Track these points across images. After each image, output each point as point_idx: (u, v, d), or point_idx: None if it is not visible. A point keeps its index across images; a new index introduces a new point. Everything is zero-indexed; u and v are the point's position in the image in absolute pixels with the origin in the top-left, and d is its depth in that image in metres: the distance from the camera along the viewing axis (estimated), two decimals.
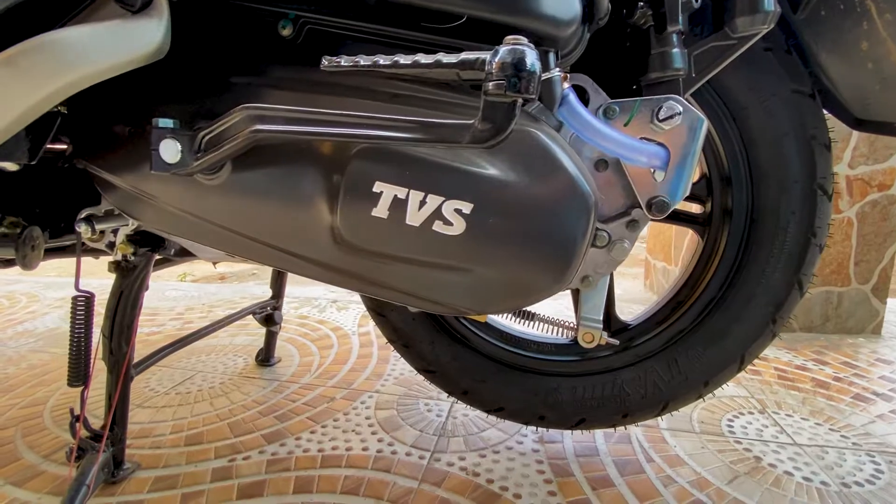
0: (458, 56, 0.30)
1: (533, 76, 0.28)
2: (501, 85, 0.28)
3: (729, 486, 0.68)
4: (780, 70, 0.56)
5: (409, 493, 0.67)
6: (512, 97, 0.29)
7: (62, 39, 0.35)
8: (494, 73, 0.28)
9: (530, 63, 0.28)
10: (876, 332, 1.29)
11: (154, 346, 1.25)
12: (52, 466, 0.73)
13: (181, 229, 0.52)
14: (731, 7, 0.47)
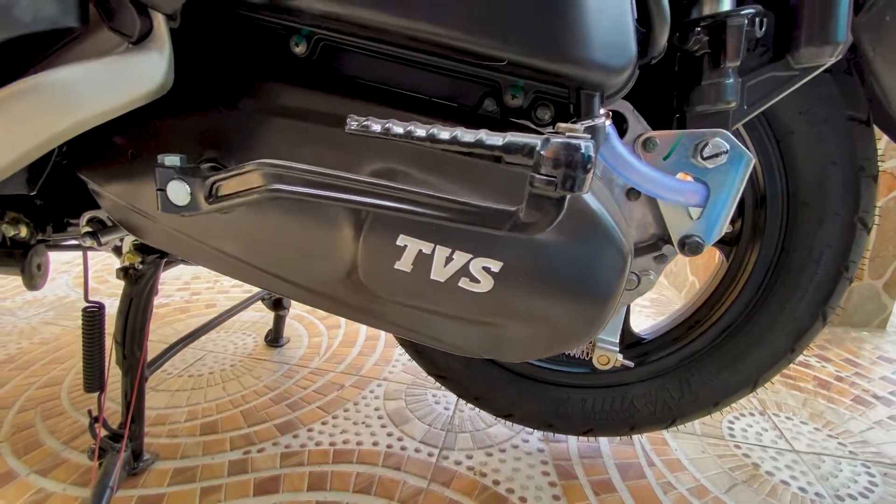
0: (503, 137, 0.27)
1: (587, 175, 0.25)
2: (552, 182, 0.25)
3: (726, 494, 0.71)
4: (837, 93, 0.51)
5: (419, 494, 0.70)
6: (562, 194, 0.26)
7: (57, 82, 0.31)
8: (544, 167, 0.25)
9: (586, 161, 0.25)
10: (881, 326, 1.29)
11: (162, 319, 1.27)
12: (73, 455, 0.76)
13: (182, 251, 0.50)
14: (798, 35, 0.42)
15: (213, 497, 0.68)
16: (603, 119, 0.36)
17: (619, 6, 0.32)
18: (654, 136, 0.46)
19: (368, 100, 0.40)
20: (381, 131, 0.28)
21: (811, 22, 0.41)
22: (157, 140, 0.44)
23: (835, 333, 1.28)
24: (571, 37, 0.32)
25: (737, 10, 0.40)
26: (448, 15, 0.32)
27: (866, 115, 0.52)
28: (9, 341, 1.12)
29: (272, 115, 0.42)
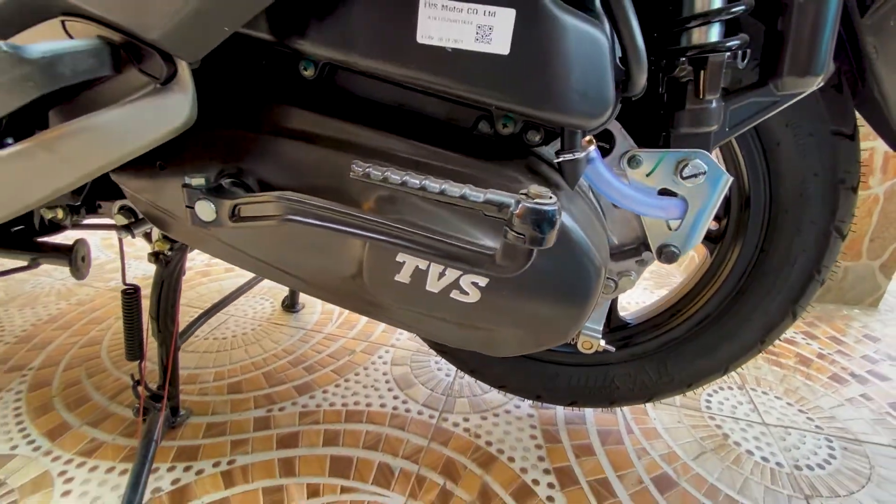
0: (484, 195, 0.31)
1: (551, 234, 0.29)
2: (520, 237, 0.30)
3: (694, 461, 0.79)
4: (824, 109, 0.53)
5: (420, 451, 0.80)
6: (529, 248, 0.30)
7: (97, 125, 0.36)
8: (516, 224, 0.30)
9: (550, 224, 0.29)
10: (873, 305, 1.33)
11: (186, 283, 1.36)
12: (118, 409, 0.87)
13: (204, 247, 0.55)
14: (781, 65, 0.43)
15: (241, 449, 0.78)
16: (582, 154, 0.39)
17: (598, 61, 0.35)
18: (638, 154, 0.50)
19: (370, 125, 0.44)
20: (381, 179, 0.33)
21: (794, 53, 0.42)
22: (183, 154, 0.48)
23: (826, 310, 1.32)
24: (553, 90, 0.35)
25: (723, 42, 0.42)
26: (438, 67, 0.35)
27: (851, 130, 0.54)
28: (49, 302, 1.23)
29: (282, 134, 0.46)
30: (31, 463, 0.75)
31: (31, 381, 0.93)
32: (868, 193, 1.20)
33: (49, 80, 0.32)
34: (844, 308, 1.33)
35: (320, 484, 0.73)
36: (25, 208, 0.41)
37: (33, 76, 0.32)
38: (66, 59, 0.32)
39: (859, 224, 1.24)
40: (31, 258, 0.63)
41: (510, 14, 0.32)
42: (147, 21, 0.33)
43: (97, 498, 0.69)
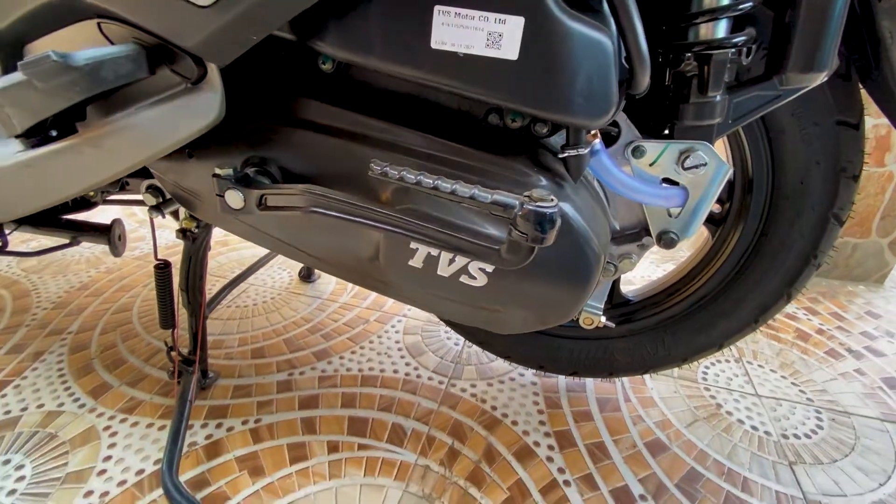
0: (491, 196, 0.34)
1: (551, 234, 0.32)
2: (522, 236, 0.33)
3: (687, 428, 0.85)
4: (831, 99, 0.54)
5: (430, 413, 0.86)
6: (530, 245, 0.33)
7: (136, 124, 0.39)
8: (519, 224, 0.33)
9: (549, 224, 0.32)
10: (879, 282, 1.34)
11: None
12: (153, 370, 0.94)
13: (228, 227, 0.59)
14: (786, 61, 0.44)
15: (266, 409, 0.85)
16: (586, 150, 0.42)
17: (603, 65, 0.36)
18: (643, 144, 0.51)
19: (386, 118, 0.47)
20: (398, 178, 0.36)
21: (799, 49, 0.43)
22: (209, 143, 0.51)
23: (831, 286, 1.34)
24: (558, 94, 0.36)
25: (728, 39, 0.43)
26: (451, 70, 0.37)
27: (856, 120, 0.55)
28: (80, 270, 1.29)
29: (302, 126, 0.48)
30: (77, 419, 0.82)
31: (71, 345, 1.01)
32: (882, 171, 1.19)
33: (93, 84, 0.35)
34: (850, 284, 1.35)
35: (339, 441, 0.79)
36: (72, 197, 0.45)
37: (79, 82, 0.35)
38: (108, 65, 0.35)
39: (872, 201, 1.23)
40: (72, 236, 0.68)
41: (519, 22, 0.34)
42: (182, 31, 0.35)
43: (140, 449, 0.77)
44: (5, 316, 1.10)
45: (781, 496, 0.73)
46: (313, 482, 0.72)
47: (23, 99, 0.36)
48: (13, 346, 1.00)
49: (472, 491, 0.72)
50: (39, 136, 0.42)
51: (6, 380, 0.90)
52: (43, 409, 0.84)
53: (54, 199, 0.45)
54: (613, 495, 0.72)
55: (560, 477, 0.75)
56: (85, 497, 0.69)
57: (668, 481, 0.74)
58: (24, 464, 0.74)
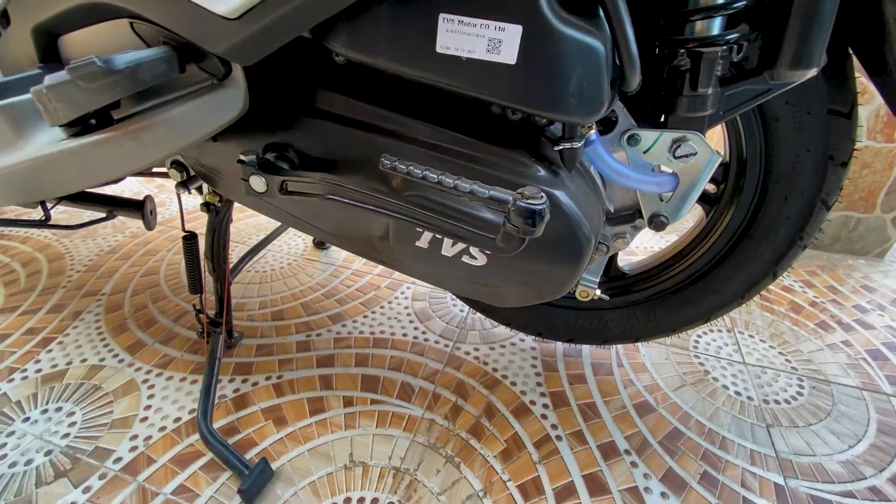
0: (488, 191, 0.38)
1: (540, 227, 0.36)
2: (514, 229, 0.37)
3: (674, 392, 0.91)
4: (823, 88, 0.55)
5: (436, 373, 0.94)
6: (521, 237, 0.38)
7: (172, 117, 0.43)
8: (511, 218, 0.37)
9: (538, 219, 0.36)
10: (880, 256, 1.36)
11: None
12: (182, 330, 1.02)
13: (248, 203, 0.64)
14: (777, 57, 0.46)
15: (287, 367, 0.94)
16: (580, 143, 0.45)
17: (595, 69, 0.39)
18: (638, 133, 0.54)
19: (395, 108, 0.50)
20: (405, 172, 0.40)
21: (789, 46, 0.45)
22: (233, 129, 0.55)
23: (831, 259, 1.36)
24: (553, 95, 0.39)
25: (721, 36, 0.45)
26: (454, 73, 0.40)
27: (848, 109, 0.56)
28: (107, 234, 1.37)
29: (317, 115, 0.52)
30: (118, 373, 0.91)
31: (106, 305, 1.09)
32: (892, 147, 1.18)
33: (132, 85, 0.39)
34: (850, 258, 1.37)
35: (353, 396, 0.88)
36: (111, 181, 0.50)
37: (120, 82, 0.39)
38: (145, 67, 0.39)
39: (879, 177, 1.23)
40: (108, 211, 0.73)
41: (518, 30, 0.37)
42: (211, 38, 0.38)
43: (176, 400, 0.86)
44: (43, 277, 1.18)
45: (755, 454, 0.79)
46: (331, 431, 0.81)
47: (69, 96, 0.40)
48: (53, 305, 1.08)
49: (473, 442, 0.80)
50: (81, 126, 0.47)
51: (50, 336, 0.99)
52: (86, 364, 0.93)
53: (95, 183, 0.50)
54: (600, 449, 0.79)
55: (553, 432, 0.82)
56: (131, 440, 0.78)
57: (651, 438, 0.82)
58: (74, 411, 0.83)
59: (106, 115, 0.48)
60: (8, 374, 0.90)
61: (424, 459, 0.77)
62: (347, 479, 0.73)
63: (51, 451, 0.76)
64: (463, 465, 0.76)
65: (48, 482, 0.72)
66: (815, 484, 0.75)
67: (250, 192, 0.52)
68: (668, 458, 0.78)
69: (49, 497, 0.70)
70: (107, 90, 0.39)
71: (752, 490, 0.74)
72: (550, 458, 0.78)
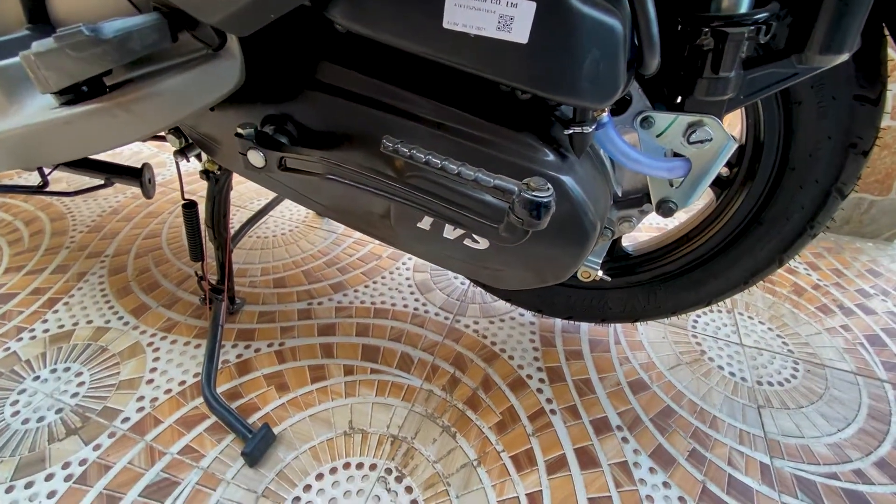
0: (493, 180, 0.36)
1: (545, 219, 0.35)
2: (519, 220, 0.36)
3: (669, 371, 0.92)
4: (852, 72, 0.52)
5: (435, 345, 0.95)
6: (524, 228, 0.36)
7: (166, 89, 0.41)
8: (516, 209, 0.36)
9: (543, 211, 0.35)
10: (889, 240, 1.34)
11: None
12: (185, 294, 1.03)
13: (248, 175, 0.63)
14: (808, 41, 0.43)
15: (289, 334, 0.95)
16: (591, 128, 0.43)
17: (612, 51, 0.36)
18: (652, 115, 0.52)
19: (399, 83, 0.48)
20: (408, 156, 0.38)
21: (821, 30, 0.42)
22: (231, 99, 0.53)
23: (839, 241, 1.35)
24: (566, 77, 0.37)
25: (749, 15, 0.42)
26: (461, 51, 0.38)
27: (876, 95, 0.54)
28: (108, 195, 1.36)
29: (317, 87, 0.50)
30: (123, 335, 0.93)
31: (110, 267, 1.10)
32: None
33: (122, 55, 0.37)
34: (858, 241, 1.35)
35: (354, 365, 0.89)
36: (106, 150, 0.48)
37: (110, 52, 0.37)
38: (135, 36, 0.37)
39: (895, 159, 1.20)
40: (105, 178, 0.72)
41: (531, 6, 0.34)
42: (205, 8, 0.36)
43: (180, 364, 0.88)
44: (46, 237, 1.19)
45: (744, 434, 0.81)
46: (331, 399, 0.83)
47: (58, 64, 0.39)
48: (57, 266, 1.09)
49: (469, 413, 0.82)
50: (73, 94, 0.45)
51: (56, 297, 1.01)
52: (92, 325, 0.95)
53: (90, 152, 0.49)
54: (593, 425, 0.81)
55: (547, 406, 0.84)
56: (138, 401, 0.81)
57: (644, 415, 0.84)
58: (82, 371, 0.86)
59: (98, 83, 0.46)
60: (16, 333, 0.92)
61: (422, 428, 0.79)
62: (347, 445, 0.76)
63: (61, 410, 0.79)
64: (459, 435, 0.78)
65: (60, 439, 0.75)
66: (799, 465, 0.77)
67: (248, 167, 0.51)
68: (658, 435, 0.80)
69: (61, 453, 0.73)
70: (97, 59, 0.37)
71: (738, 468, 0.76)
72: (544, 431, 0.80)
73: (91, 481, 0.69)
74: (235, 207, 1.33)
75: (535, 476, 0.73)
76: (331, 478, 0.71)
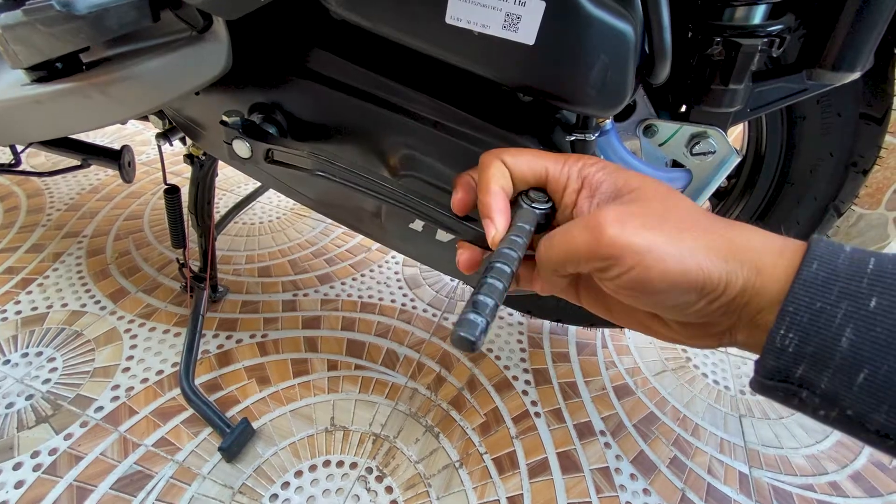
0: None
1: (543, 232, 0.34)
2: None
3: (654, 377, 0.93)
4: (860, 90, 0.51)
5: (422, 342, 0.94)
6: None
7: (145, 72, 0.38)
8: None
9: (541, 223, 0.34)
10: None
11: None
12: (166, 280, 1.00)
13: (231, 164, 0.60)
14: (822, 57, 0.42)
15: (272, 325, 0.93)
16: (594, 135, 0.41)
17: (622, 58, 0.34)
18: (655, 124, 0.50)
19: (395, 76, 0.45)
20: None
21: (836, 46, 0.41)
22: (217, 82, 0.50)
23: None
24: (572, 83, 0.35)
25: (763, 26, 0.40)
26: (463, 48, 0.36)
27: (881, 114, 0.53)
28: (89, 172, 1.31)
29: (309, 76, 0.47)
30: (100, 320, 0.90)
31: (88, 248, 1.06)
32: None
33: (97, 33, 0.34)
34: None
35: (338, 360, 0.88)
36: (78, 132, 0.45)
37: (83, 29, 0.34)
38: (112, 13, 0.34)
39: (889, 174, 1.20)
40: (83, 159, 0.69)
41: (540, 6, 0.32)
42: None
43: (159, 352, 0.85)
44: (21, 214, 1.14)
45: (724, 442, 0.82)
46: (313, 394, 0.81)
47: (28, 39, 0.36)
48: (32, 245, 1.05)
49: (453, 413, 0.81)
50: (45, 71, 0.42)
51: (30, 277, 0.97)
52: (67, 309, 0.91)
53: (63, 133, 0.46)
54: (577, 429, 0.81)
55: (532, 409, 0.84)
56: (112, 390, 0.78)
57: (627, 421, 0.84)
58: (55, 356, 0.83)
59: (74, 59, 0.43)
60: None
61: (404, 427, 0.78)
62: (328, 443, 0.74)
63: (32, 396, 0.76)
64: (442, 436, 0.78)
65: (30, 427, 0.72)
66: (777, 475, 0.78)
67: (233, 157, 0.48)
68: (641, 442, 0.81)
69: (31, 441, 0.71)
70: (69, 36, 0.34)
71: (717, 477, 0.76)
72: (527, 433, 0.80)
73: (61, 472, 0.67)
74: (221, 192, 1.30)
75: (517, 479, 0.73)
76: (310, 475, 0.70)
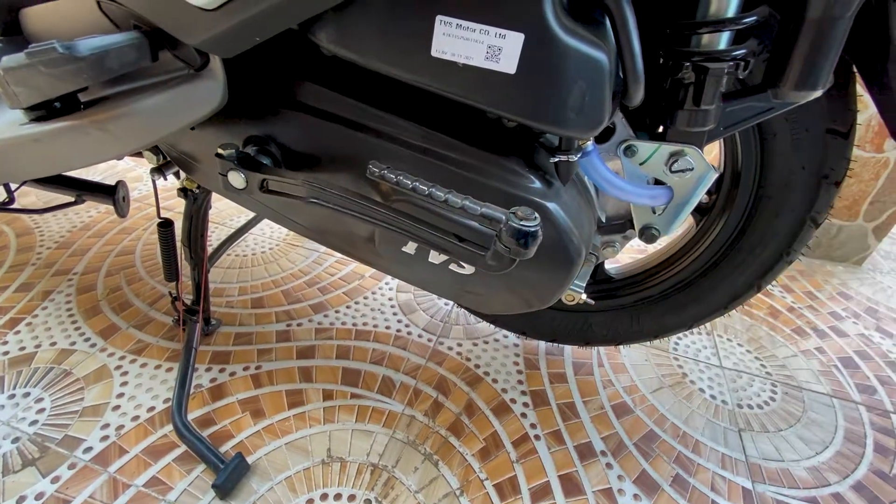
0: (480, 208, 0.36)
1: (532, 248, 0.35)
2: (506, 249, 0.35)
3: (652, 394, 0.92)
4: (824, 107, 0.54)
5: (418, 368, 0.93)
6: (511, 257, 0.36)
7: (143, 109, 0.40)
8: (503, 237, 0.35)
9: (531, 240, 0.35)
10: (858, 263, 1.39)
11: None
12: (158, 315, 0.99)
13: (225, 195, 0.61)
14: (783, 76, 0.45)
15: (266, 357, 0.92)
16: (576, 156, 0.43)
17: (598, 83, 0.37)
18: (635, 144, 0.53)
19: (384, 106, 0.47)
20: (395, 181, 0.38)
21: (796, 67, 0.44)
22: (212, 117, 0.52)
23: (810, 265, 1.39)
24: (552, 108, 0.37)
25: (728, 52, 0.43)
26: (449, 79, 0.38)
27: (846, 129, 0.56)
28: (80, 209, 1.31)
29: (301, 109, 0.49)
30: (90, 357, 0.89)
31: (78, 285, 1.05)
32: (880, 157, 1.19)
33: (98, 73, 0.36)
34: (829, 264, 1.40)
35: (333, 390, 0.87)
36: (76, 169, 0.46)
37: (85, 70, 0.35)
38: (112, 55, 0.36)
39: (864, 186, 1.25)
40: (77, 195, 0.69)
41: (519, 38, 0.34)
42: (186, 29, 0.35)
43: (150, 389, 0.84)
44: (10, 253, 1.13)
45: (726, 458, 0.81)
46: (309, 425, 0.80)
47: (29, 80, 0.37)
48: (21, 284, 1.04)
49: (452, 440, 0.80)
50: (45, 109, 0.43)
51: (18, 317, 0.95)
52: (56, 347, 0.90)
53: (60, 170, 0.47)
54: (577, 450, 0.80)
55: (532, 431, 0.83)
56: (102, 429, 0.76)
57: (627, 440, 0.83)
58: (42, 397, 0.81)
59: (72, 99, 0.44)
60: None
61: (403, 456, 0.77)
62: (325, 475, 0.73)
63: (18, 439, 0.74)
64: (441, 463, 0.76)
65: (15, 471, 0.70)
66: (781, 489, 0.77)
67: (228, 188, 0.50)
68: (642, 461, 0.80)
69: (16, 486, 0.68)
70: (70, 77, 0.36)
71: (720, 494, 0.76)
72: (528, 457, 0.78)
73: None
74: (214, 224, 1.30)
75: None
76: None
